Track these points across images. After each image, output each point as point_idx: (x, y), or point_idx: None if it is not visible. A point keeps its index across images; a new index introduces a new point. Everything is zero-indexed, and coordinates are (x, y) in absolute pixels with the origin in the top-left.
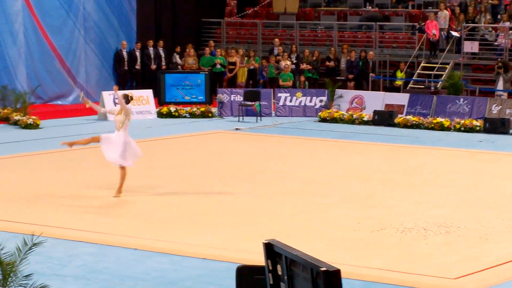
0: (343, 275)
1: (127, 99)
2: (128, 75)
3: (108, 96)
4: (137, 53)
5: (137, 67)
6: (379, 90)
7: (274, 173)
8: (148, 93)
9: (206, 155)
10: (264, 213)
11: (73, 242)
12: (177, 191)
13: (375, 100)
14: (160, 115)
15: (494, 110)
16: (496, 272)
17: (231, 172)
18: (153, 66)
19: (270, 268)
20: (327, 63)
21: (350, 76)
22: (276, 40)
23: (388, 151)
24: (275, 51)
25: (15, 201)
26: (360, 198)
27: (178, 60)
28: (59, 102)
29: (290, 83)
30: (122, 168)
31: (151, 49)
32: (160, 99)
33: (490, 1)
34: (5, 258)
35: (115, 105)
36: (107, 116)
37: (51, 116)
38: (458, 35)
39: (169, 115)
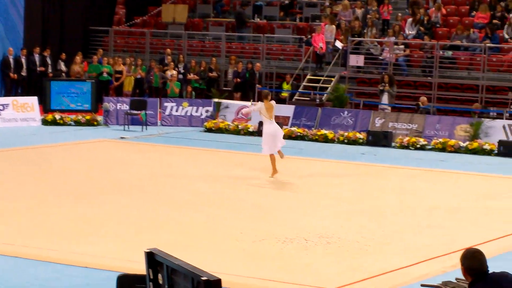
0: (224, 285)
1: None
2: (14, 81)
3: None
4: (23, 60)
5: (23, 73)
6: None
7: (159, 183)
8: (33, 100)
9: (91, 164)
10: (148, 223)
11: None
12: (62, 200)
13: None
14: (45, 122)
15: (377, 123)
16: (375, 282)
17: (115, 182)
18: (39, 70)
19: (151, 277)
20: (209, 74)
21: (237, 80)
22: (168, 50)
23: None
24: (166, 60)
25: None
26: (244, 208)
27: (64, 68)
28: None
29: (176, 91)
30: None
31: (37, 56)
32: (45, 107)
33: (377, 16)
34: None
35: None
36: None
37: None
38: (340, 46)
39: (54, 122)
